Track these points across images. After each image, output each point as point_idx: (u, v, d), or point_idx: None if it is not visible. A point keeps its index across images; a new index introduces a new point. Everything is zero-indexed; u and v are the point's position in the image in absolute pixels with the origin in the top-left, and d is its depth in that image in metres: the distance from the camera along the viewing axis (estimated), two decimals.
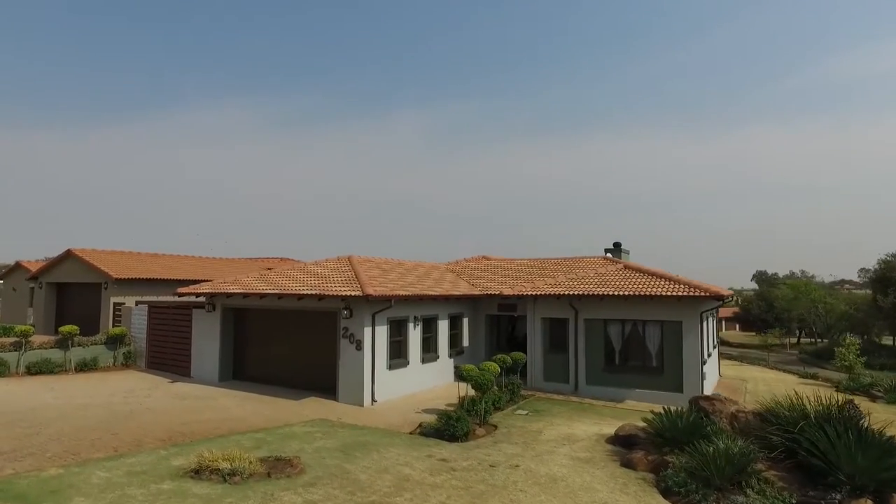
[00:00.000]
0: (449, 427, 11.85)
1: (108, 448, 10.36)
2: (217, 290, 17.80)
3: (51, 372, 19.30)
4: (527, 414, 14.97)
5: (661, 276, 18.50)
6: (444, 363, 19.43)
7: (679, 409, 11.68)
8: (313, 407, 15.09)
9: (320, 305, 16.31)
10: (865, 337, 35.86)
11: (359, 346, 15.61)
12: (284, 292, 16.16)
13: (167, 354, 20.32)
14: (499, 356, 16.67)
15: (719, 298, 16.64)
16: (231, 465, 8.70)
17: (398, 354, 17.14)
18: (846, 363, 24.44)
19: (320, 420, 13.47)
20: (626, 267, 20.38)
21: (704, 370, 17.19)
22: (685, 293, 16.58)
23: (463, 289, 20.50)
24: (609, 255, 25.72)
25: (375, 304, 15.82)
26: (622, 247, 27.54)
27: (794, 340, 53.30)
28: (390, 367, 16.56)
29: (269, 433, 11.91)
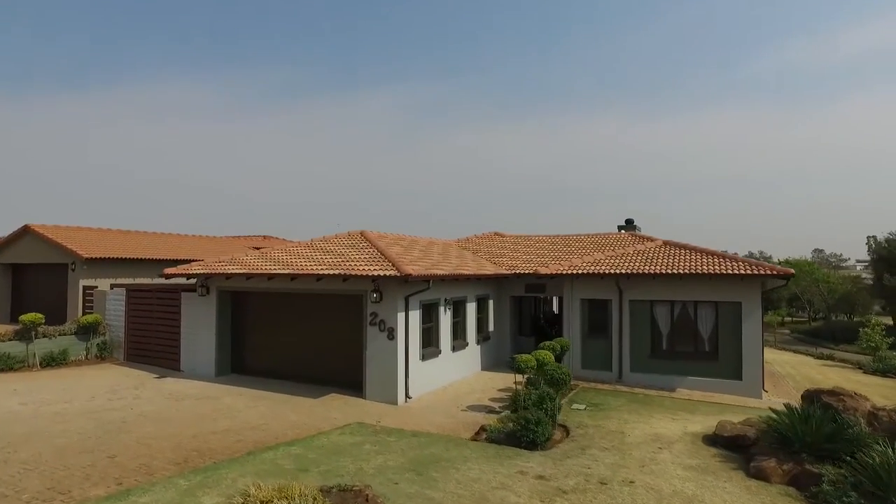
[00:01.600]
0: (526, 431, 9.84)
1: (109, 480, 7.87)
2: (213, 271, 15.20)
3: (10, 369, 16.39)
4: (585, 408, 13.10)
5: (709, 253, 16.82)
6: (473, 350, 17.42)
7: (800, 406, 9.98)
8: (339, 407, 12.86)
9: (341, 288, 13.97)
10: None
11: (391, 334, 13.38)
12: (299, 272, 13.74)
13: (151, 345, 17.61)
14: (548, 343, 14.75)
15: (785, 277, 15.06)
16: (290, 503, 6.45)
17: (430, 343, 15.00)
18: (872, 344, 23.58)
19: (357, 425, 11.26)
20: (665, 244, 18.65)
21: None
22: (750, 271, 14.94)
23: (491, 268, 18.43)
24: (622, 232, 24.13)
25: (411, 286, 13.59)
26: (634, 223, 26.07)
27: (788, 319, 53.49)
28: (423, 358, 14.41)
29: (305, 446, 9.64)
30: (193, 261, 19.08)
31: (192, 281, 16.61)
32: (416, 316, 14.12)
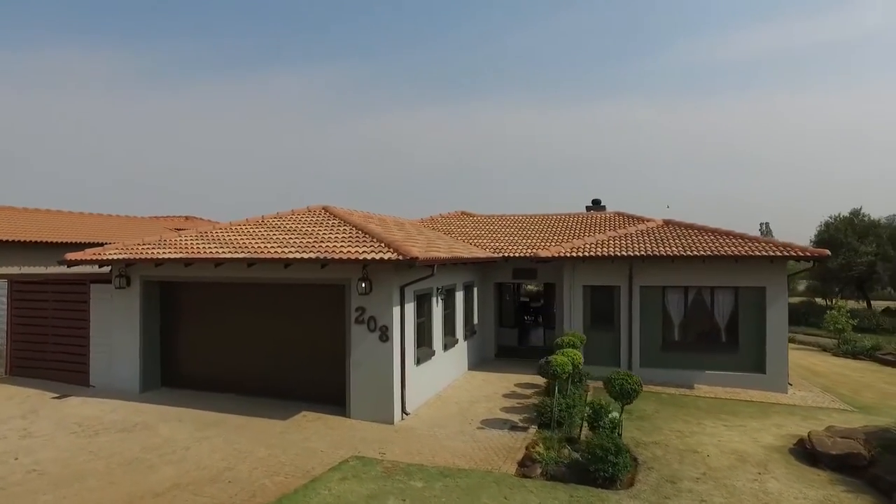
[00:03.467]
0: (603, 464, 7.38)
1: None
2: (137, 256, 11.49)
3: None
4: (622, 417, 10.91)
5: (723, 234, 15.14)
6: (461, 348, 14.82)
7: None
8: (318, 431, 9.83)
9: (317, 276, 10.84)
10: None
11: (384, 334, 10.46)
12: (262, 257, 10.46)
13: (46, 354, 13.46)
14: (566, 338, 12.44)
15: (819, 259, 13.61)
16: None
17: (423, 342, 12.22)
18: (839, 326, 23.39)
19: (357, 461, 8.34)
20: (666, 223, 16.87)
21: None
22: (781, 253, 13.35)
23: (481, 252, 15.83)
24: (607, 212, 22.41)
25: (408, 274, 10.74)
26: (601, 203, 24.49)
27: None
28: (418, 362, 11.61)
29: None
30: (101, 244, 14.98)
31: (105, 269, 12.73)
32: (410, 310, 11.27)
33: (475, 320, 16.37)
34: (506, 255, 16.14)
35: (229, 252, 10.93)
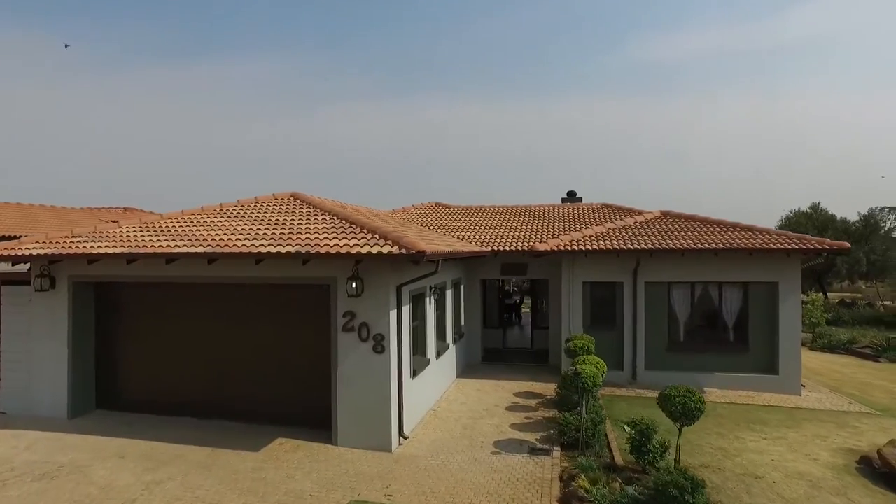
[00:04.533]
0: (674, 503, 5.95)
1: None
2: (65, 251, 9.21)
3: None
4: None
5: (728, 226, 14.12)
6: (451, 354, 13.23)
7: None
8: (301, 464, 7.99)
9: (295, 274, 8.96)
10: None
11: (379, 344, 8.70)
12: (224, 251, 8.46)
13: None
14: (577, 343, 11.05)
15: (840, 252, 12.75)
16: None
17: (418, 349, 10.52)
18: (814, 320, 23.27)
19: None
20: (664, 214, 15.77)
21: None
22: (798, 246, 12.43)
23: (471, 245, 14.22)
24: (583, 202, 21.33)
25: (408, 272, 9.04)
26: (577, 195, 23.45)
27: None
28: (414, 374, 9.91)
29: None
30: (16, 237, 12.44)
31: (22, 267, 10.33)
32: (407, 314, 9.55)
33: (462, 322, 14.79)
34: (495, 248, 14.63)
35: (185, 245, 8.86)
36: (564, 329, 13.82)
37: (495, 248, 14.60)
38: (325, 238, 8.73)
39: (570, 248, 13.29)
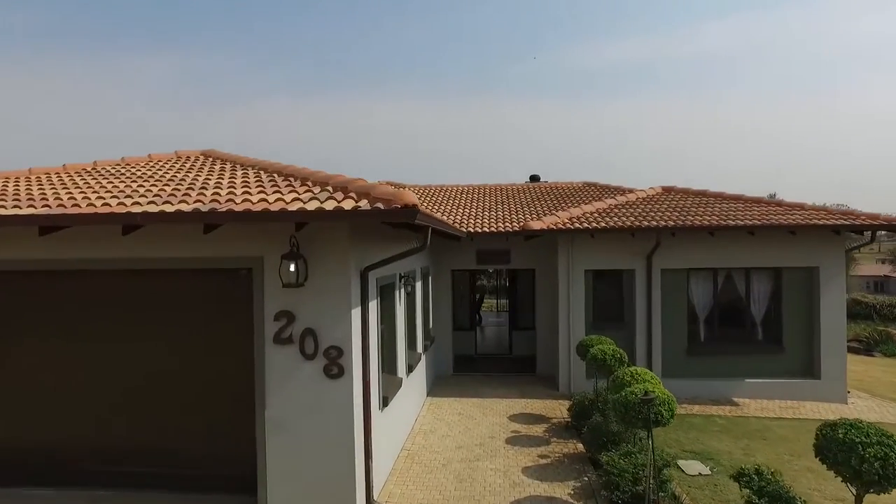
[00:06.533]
0: None
1: None
2: None
3: None
4: (703, 473, 6.95)
5: (752, 201, 11.78)
6: (422, 366, 10.14)
7: None
8: None
9: (192, 255, 5.60)
10: None
11: (333, 363, 5.47)
12: (72, 213, 5.02)
13: None
14: (596, 353, 8.25)
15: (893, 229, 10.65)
16: None
17: (387, 366, 7.35)
18: None
19: None
20: (666, 191, 13.30)
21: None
22: (852, 222, 10.19)
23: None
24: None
25: (379, 247, 5.92)
26: (540, 179, 21.03)
27: None
28: (384, 404, 6.72)
29: None
30: None
31: None
32: (374, 313, 6.36)
33: (430, 323, 11.73)
34: (470, 230, 11.68)
35: (11, 206, 5.31)
36: (563, 329, 11.05)
37: (471, 231, 11.64)
38: (245, 194, 5.42)
39: (571, 227, 10.49)
